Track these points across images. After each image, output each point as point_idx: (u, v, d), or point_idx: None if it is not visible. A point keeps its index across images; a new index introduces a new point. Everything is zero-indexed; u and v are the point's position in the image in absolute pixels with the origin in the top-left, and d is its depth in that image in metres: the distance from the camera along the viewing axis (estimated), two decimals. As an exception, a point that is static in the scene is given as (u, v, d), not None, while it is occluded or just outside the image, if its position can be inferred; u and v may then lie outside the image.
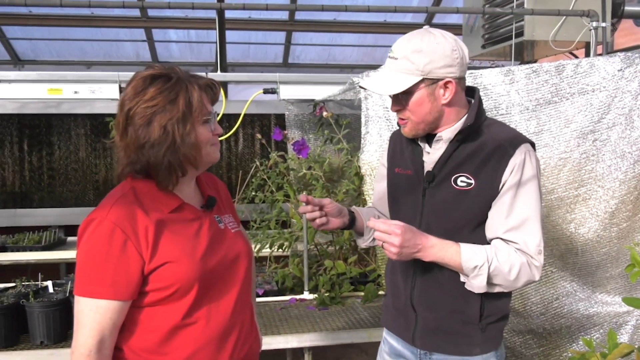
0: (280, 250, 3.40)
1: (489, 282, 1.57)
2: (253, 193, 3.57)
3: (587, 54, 4.00)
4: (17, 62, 5.84)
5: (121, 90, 2.98)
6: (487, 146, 1.60)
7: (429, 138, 1.68)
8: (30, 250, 4.18)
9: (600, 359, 1.49)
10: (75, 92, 2.92)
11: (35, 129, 5.67)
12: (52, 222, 5.53)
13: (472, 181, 1.59)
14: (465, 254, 1.55)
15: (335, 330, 2.61)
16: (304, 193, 1.72)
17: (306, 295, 3.11)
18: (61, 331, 2.46)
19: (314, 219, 1.69)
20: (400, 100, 1.60)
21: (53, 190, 5.81)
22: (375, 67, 2.77)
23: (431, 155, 1.66)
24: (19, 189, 5.77)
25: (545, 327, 2.73)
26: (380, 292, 3.06)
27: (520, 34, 3.70)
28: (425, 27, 1.61)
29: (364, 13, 5.24)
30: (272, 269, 3.50)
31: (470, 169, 1.60)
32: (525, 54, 4.18)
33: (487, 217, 1.62)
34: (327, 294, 3.01)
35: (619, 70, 2.66)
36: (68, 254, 4.20)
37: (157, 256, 1.33)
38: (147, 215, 1.34)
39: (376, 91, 1.64)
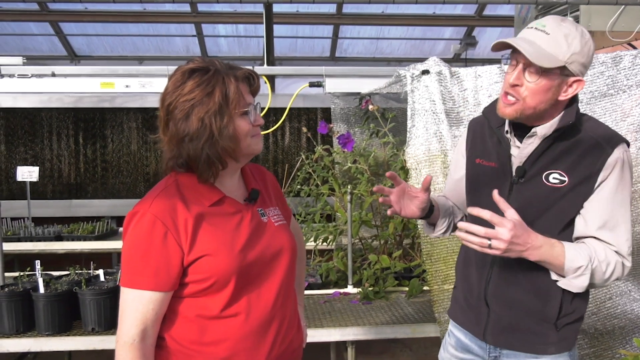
0: (324, 243, 3.40)
1: None
2: (299, 186, 3.59)
3: (647, 45, 3.82)
4: (73, 57, 6.05)
5: (170, 83, 3.03)
6: (582, 143, 1.55)
7: (519, 132, 1.62)
8: (84, 240, 4.33)
9: (655, 363, 1.43)
10: (127, 86, 3.00)
11: (90, 122, 5.87)
12: (105, 213, 5.72)
13: (566, 178, 1.54)
14: (569, 253, 1.50)
15: (379, 324, 2.59)
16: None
17: (350, 289, 3.11)
18: (111, 318, 2.53)
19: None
20: (525, 77, 1.49)
21: (106, 182, 6.01)
22: (422, 60, 2.72)
23: (522, 150, 1.60)
24: (74, 181, 5.98)
25: (597, 328, 2.63)
26: (425, 288, 3.03)
27: (575, 24, 3.56)
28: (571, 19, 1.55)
29: (412, 5, 5.17)
30: (317, 262, 3.51)
31: (564, 166, 1.55)
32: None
33: (575, 217, 1.57)
34: (371, 288, 3.00)
35: (681, 61, 2.54)
36: (120, 244, 4.29)
37: (196, 249, 1.34)
38: (187, 208, 1.36)
39: (527, 54, 1.45)
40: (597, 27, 3.51)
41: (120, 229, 4.74)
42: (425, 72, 2.57)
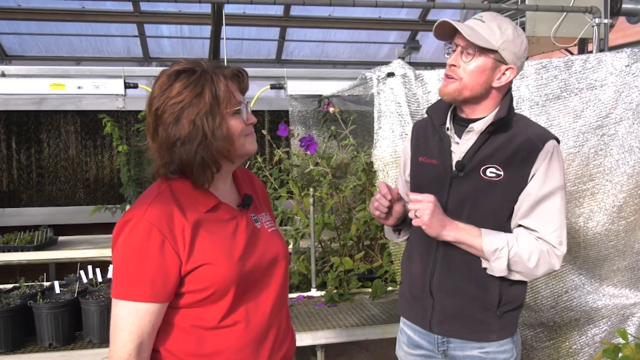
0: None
1: (510, 269, 1.61)
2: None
3: (581, 51, 4.03)
4: (4, 57, 5.68)
5: (126, 85, 2.91)
6: (516, 139, 1.64)
7: (459, 129, 1.71)
8: (22, 251, 4.07)
9: (636, 350, 1.50)
10: (79, 87, 2.85)
11: (23, 126, 5.55)
12: (41, 222, 5.40)
13: (501, 172, 1.63)
14: (486, 237, 1.60)
15: (349, 327, 2.59)
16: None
17: (314, 292, 3.09)
18: (69, 332, 2.41)
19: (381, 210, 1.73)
20: (462, 59, 1.61)
21: (42, 189, 5.70)
22: (368, 63, 2.77)
23: (460, 145, 1.69)
24: (7, 188, 5.65)
25: (556, 320, 2.75)
26: (389, 288, 3.06)
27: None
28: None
29: (359, 8, 5.22)
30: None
31: (499, 161, 1.64)
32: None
33: (512, 210, 1.65)
34: (335, 291, 2.99)
35: (626, 66, 2.68)
36: (60, 254, 4.12)
37: (194, 257, 1.29)
38: (183, 215, 1.30)
39: (463, 32, 1.58)
40: (542, 33, 3.66)
41: (60, 238, 4.56)
42: (391, 74, 2.59)
